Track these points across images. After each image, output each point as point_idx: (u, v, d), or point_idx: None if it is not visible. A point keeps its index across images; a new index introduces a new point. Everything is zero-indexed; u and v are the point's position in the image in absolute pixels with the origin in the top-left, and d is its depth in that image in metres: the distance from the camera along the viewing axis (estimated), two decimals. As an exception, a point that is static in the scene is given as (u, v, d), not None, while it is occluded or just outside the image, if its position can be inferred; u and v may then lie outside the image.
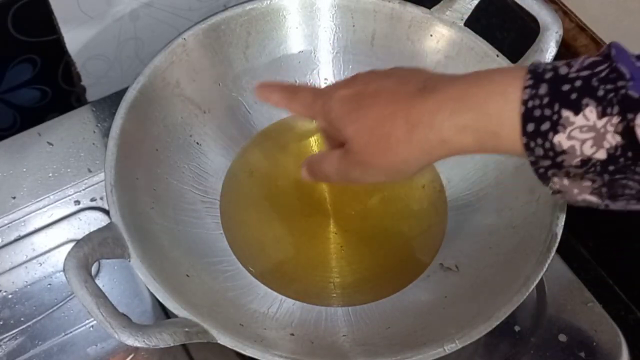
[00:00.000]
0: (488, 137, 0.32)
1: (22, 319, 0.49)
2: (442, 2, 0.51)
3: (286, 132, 0.55)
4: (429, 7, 0.51)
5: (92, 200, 0.54)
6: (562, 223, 0.43)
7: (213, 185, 0.52)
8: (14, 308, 0.49)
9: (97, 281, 0.38)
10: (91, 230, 0.42)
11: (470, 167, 0.51)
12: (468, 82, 0.33)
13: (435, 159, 0.34)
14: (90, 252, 0.39)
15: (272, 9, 0.52)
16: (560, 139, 0.29)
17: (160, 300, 0.40)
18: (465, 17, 0.50)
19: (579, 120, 0.29)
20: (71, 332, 0.48)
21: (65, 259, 0.38)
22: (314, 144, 0.55)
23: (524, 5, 0.48)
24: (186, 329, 0.38)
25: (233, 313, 0.44)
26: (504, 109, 0.31)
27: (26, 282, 0.50)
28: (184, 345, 0.48)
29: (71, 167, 0.55)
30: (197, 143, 0.51)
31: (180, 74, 0.50)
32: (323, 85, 0.55)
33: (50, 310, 0.49)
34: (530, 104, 0.30)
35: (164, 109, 0.49)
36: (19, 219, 0.53)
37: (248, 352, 0.39)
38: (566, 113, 0.29)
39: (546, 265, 0.41)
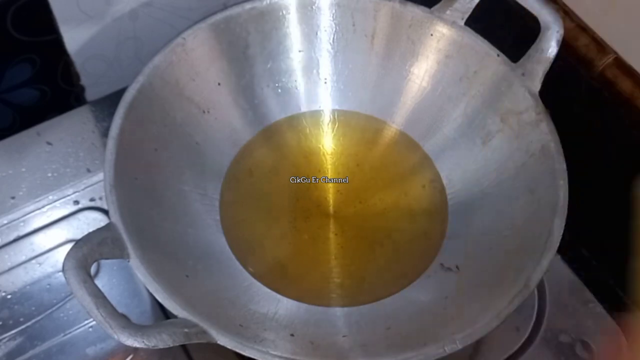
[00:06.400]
0: None
1: (21, 319, 0.49)
2: (442, 1, 0.51)
3: (286, 132, 0.55)
4: (430, 7, 0.51)
5: (92, 200, 0.54)
6: (562, 223, 0.43)
7: (213, 185, 0.52)
8: (13, 308, 0.49)
9: (96, 281, 0.38)
10: (90, 230, 0.41)
11: (471, 168, 0.51)
12: None
13: None
14: (89, 252, 0.39)
15: (272, 8, 0.52)
16: None
17: (160, 300, 0.40)
18: (466, 16, 0.50)
19: None
20: (70, 333, 0.48)
21: (65, 259, 0.38)
22: (315, 143, 0.55)
23: (525, 5, 0.48)
24: (186, 330, 0.38)
25: (233, 313, 0.44)
26: None
27: (25, 282, 0.50)
28: (183, 346, 0.48)
29: (70, 167, 0.55)
30: (197, 143, 0.51)
31: (179, 74, 0.50)
32: (323, 85, 0.55)
33: (50, 311, 0.49)
34: None
35: (164, 109, 0.49)
36: (18, 219, 0.53)
37: (248, 352, 0.39)
38: None
39: (546, 265, 0.41)
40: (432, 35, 0.52)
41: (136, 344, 0.36)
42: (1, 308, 0.49)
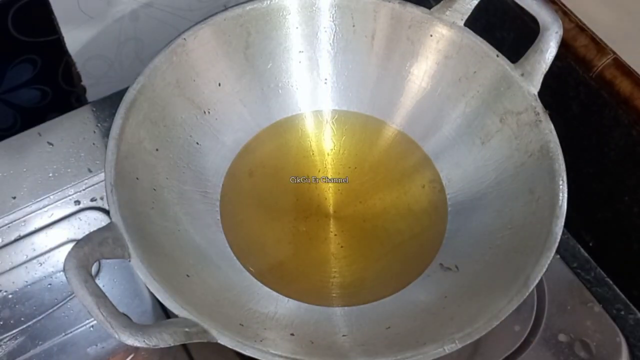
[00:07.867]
0: None
1: (22, 319, 0.49)
2: (442, 2, 0.51)
3: (287, 132, 0.55)
4: (429, 7, 0.52)
5: (93, 200, 0.54)
6: (562, 223, 0.43)
7: (213, 185, 0.52)
8: (14, 308, 0.49)
9: (97, 281, 0.38)
10: (91, 230, 0.42)
11: (470, 168, 0.51)
12: None
13: None
14: (90, 252, 0.39)
15: (272, 9, 0.52)
16: None
17: (160, 300, 0.40)
18: (466, 17, 0.51)
19: None
20: (71, 332, 0.48)
21: (66, 259, 0.38)
22: (315, 143, 0.55)
23: (524, 5, 0.48)
24: (186, 329, 0.38)
25: (233, 313, 0.44)
26: None
27: (26, 282, 0.50)
28: (184, 345, 0.48)
29: (71, 167, 0.55)
30: (197, 143, 0.51)
31: (180, 74, 0.50)
32: (323, 86, 0.55)
33: (51, 310, 0.49)
34: None
35: (164, 109, 0.49)
36: (19, 219, 0.53)
37: (248, 352, 0.39)
38: None
39: (546, 265, 0.41)
40: (431, 36, 0.52)
41: (137, 344, 0.36)
42: (2, 307, 0.49)
